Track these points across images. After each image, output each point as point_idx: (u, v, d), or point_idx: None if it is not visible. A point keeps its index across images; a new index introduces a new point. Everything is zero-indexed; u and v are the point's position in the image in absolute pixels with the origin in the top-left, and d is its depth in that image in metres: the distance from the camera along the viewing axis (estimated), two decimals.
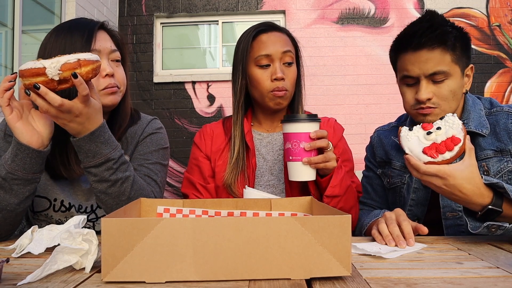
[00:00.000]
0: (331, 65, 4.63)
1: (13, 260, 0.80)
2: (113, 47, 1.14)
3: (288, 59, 1.24)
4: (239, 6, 4.71)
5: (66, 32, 1.07)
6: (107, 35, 1.15)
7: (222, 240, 0.65)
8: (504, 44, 4.56)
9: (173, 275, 0.65)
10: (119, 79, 1.14)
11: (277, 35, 1.26)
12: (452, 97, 1.13)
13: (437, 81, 1.12)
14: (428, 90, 1.12)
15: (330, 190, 1.11)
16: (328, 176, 1.12)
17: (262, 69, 1.23)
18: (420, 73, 1.12)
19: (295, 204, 0.96)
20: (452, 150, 0.92)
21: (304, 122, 1.06)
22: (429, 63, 1.10)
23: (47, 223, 1.13)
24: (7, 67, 3.10)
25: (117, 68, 1.15)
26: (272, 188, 1.24)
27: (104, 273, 0.65)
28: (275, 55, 1.22)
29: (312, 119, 1.07)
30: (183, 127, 4.64)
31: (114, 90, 1.11)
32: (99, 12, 4.17)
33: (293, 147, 1.06)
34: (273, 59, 1.23)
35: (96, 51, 1.08)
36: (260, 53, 1.23)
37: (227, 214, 0.94)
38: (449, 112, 1.13)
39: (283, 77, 1.21)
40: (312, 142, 1.05)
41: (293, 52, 1.26)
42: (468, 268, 0.75)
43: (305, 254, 0.66)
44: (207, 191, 1.26)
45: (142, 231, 0.64)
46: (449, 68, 1.11)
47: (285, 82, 1.22)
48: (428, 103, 1.13)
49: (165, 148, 1.26)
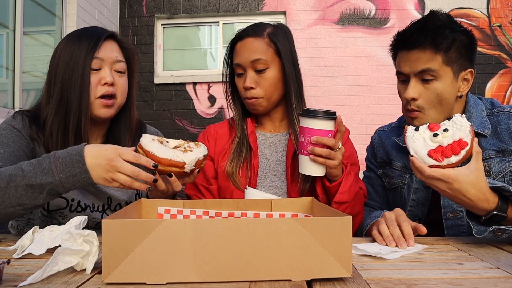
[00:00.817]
0: (332, 66, 4.63)
1: (14, 261, 0.80)
2: (119, 58, 1.17)
3: (259, 66, 1.22)
4: (239, 7, 4.72)
5: (76, 39, 1.12)
6: (116, 46, 1.18)
7: (223, 241, 0.65)
8: (505, 44, 4.56)
9: (174, 277, 0.65)
10: (118, 90, 1.15)
11: (250, 42, 1.24)
12: (438, 101, 1.12)
13: (426, 81, 1.11)
14: (416, 89, 1.12)
15: (339, 197, 1.10)
16: (337, 182, 1.11)
17: (238, 77, 1.27)
18: (410, 71, 1.12)
19: (296, 205, 0.96)
20: (459, 154, 0.90)
21: (318, 119, 1.05)
22: (418, 62, 1.10)
23: (58, 222, 1.13)
24: (8, 68, 3.10)
25: (119, 78, 1.16)
26: (275, 189, 1.24)
27: (105, 275, 0.65)
28: (244, 64, 1.23)
29: (327, 117, 1.05)
30: (184, 128, 4.64)
31: (109, 103, 1.13)
32: (100, 13, 4.18)
33: (306, 141, 1.07)
34: (245, 68, 1.24)
35: (99, 59, 1.11)
36: (235, 62, 1.26)
37: (227, 214, 0.94)
38: (435, 118, 1.13)
39: (251, 86, 1.22)
40: (319, 137, 1.05)
41: (266, 59, 1.22)
42: (469, 269, 0.74)
43: (306, 255, 0.66)
44: (210, 193, 1.26)
45: (143, 232, 0.64)
46: (439, 69, 1.10)
47: (256, 90, 1.22)
48: (413, 105, 1.13)
49: None
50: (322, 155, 1.05)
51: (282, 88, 1.26)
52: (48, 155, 0.93)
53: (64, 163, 0.90)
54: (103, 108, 1.13)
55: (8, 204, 0.91)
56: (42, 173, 0.90)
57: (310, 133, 1.05)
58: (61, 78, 1.10)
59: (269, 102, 1.26)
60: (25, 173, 0.90)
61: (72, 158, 0.90)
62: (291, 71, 1.25)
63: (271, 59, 1.23)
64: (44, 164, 0.91)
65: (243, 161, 1.24)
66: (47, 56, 3.91)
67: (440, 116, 1.14)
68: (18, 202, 0.91)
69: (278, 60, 1.25)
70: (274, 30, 1.26)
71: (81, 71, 1.09)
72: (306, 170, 1.09)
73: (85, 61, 1.09)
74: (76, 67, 1.09)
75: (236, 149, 1.26)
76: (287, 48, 1.26)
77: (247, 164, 1.24)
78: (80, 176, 0.90)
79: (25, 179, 0.90)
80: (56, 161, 0.90)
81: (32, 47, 3.51)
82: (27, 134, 1.11)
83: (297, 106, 1.26)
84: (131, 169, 0.89)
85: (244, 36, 1.26)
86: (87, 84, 1.09)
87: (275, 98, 1.27)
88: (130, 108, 1.23)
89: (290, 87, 1.25)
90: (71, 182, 0.91)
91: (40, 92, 1.18)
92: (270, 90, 1.24)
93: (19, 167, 0.92)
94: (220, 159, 1.28)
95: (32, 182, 0.90)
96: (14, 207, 0.92)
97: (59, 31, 3.77)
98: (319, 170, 1.08)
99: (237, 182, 1.22)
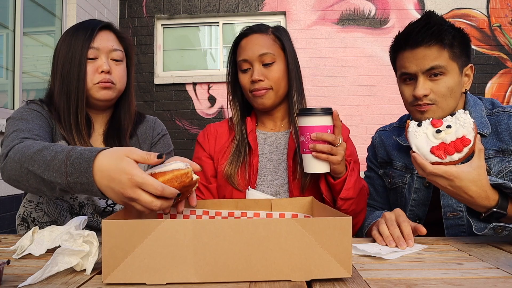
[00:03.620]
0: (332, 66, 4.63)
1: (14, 261, 0.80)
2: (115, 46, 1.21)
3: (267, 60, 1.25)
4: (239, 8, 4.72)
5: (73, 31, 1.18)
6: (112, 36, 1.23)
7: (223, 242, 0.65)
8: (504, 44, 4.56)
9: (174, 277, 0.65)
10: (115, 77, 1.20)
11: (256, 37, 1.27)
12: (449, 94, 1.13)
13: (434, 77, 1.12)
14: (426, 86, 1.12)
15: (344, 193, 1.10)
16: (342, 178, 1.11)
17: (244, 73, 1.28)
18: (418, 70, 1.12)
19: (296, 205, 0.96)
20: (461, 152, 0.90)
21: (314, 115, 1.06)
22: (426, 59, 1.11)
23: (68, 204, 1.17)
24: (8, 69, 3.10)
25: (116, 66, 1.21)
26: (276, 187, 1.24)
27: (105, 275, 0.65)
28: (252, 58, 1.25)
29: (322, 113, 1.06)
30: (184, 129, 4.64)
31: (107, 85, 1.17)
32: (100, 14, 4.18)
33: (306, 140, 1.07)
34: (252, 63, 1.25)
35: (94, 49, 1.17)
36: (240, 58, 1.28)
37: (227, 214, 0.94)
38: (446, 110, 1.13)
39: (260, 78, 1.23)
40: (319, 133, 1.05)
41: (273, 53, 1.26)
42: (468, 269, 0.74)
43: (306, 256, 0.66)
44: (209, 192, 1.27)
45: (143, 233, 0.64)
46: (447, 64, 1.11)
47: (264, 82, 1.24)
48: (425, 99, 1.13)
49: (172, 149, 1.38)
50: (324, 151, 1.05)
51: (286, 85, 1.29)
52: (66, 149, 0.84)
53: (74, 166, 0.81)
54: (102, 90, 1.17)
55: (30, 185, 0.88)
56: (53, 170, 0.83)
57: (310, 131, 1.06)
58: (61, 68, 1.16)
59: (276, 96, 1.27)
60: (41, 162, 0.85)
61: (81, 165, 0.80)
62: (293, 67, 1.28)
63: (277, 53, 1.27)
64: (57, 159, 0.83)
65: (241, 162, 1.24)
66: (47, 56, 3.92)
67: (451, 108, 1.15)
68: (37, 187, 0.87)
69: (283, 55, 1.28)
70: (277, 28, 1.32)
71: (78, 61, 1.14)
72: (310, 168, 1.09)
73: (81, 51, 1.15)
74: (73, 57, 1.15)
75: (235, 151, 1.26)
76: (290, 45, 1.30)
77: (245, 165, 1.24)
78: (88, 186, 0.80)
79: (40, 169, 0.84)
80: (67, 161, 0.82)
81: (32, 48, 3.51)
82: (46, 115, 1.15)
83: (298, 103, 1.28)
84: (148, 202, 0.76)
85: (249, 33, 1.29)
86: (84, 73, 1.15)
87: (282, 93, 1.28)
88: (129, 95, 1.29)
89: (293, 83, 1.27)
90: (79, 189, 0.82)
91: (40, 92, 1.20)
92: (278, 82, 1.26)
93: (41, 151, 0.87)
94: (220, 158, 1.28)
95: (44, 176, 0.84)
96: (36, 190, 0.89)
97: (59, 32, 3.77)
98: (323, 167, 1.08)
99: (235, 184, 1.22)
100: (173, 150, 1.40)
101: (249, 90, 1.27)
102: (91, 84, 1.16)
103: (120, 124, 1.26)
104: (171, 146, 1.39)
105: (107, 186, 0.77)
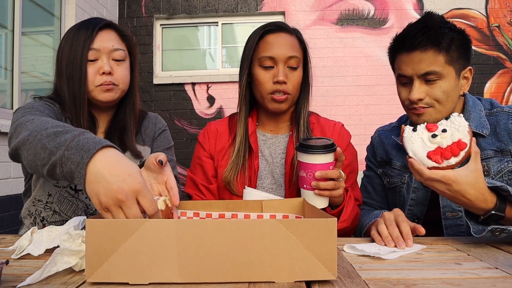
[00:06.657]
0: (331, 66, 4.63)
1: (13, 261, 0.80)
2: (117, 46, 1.19)
3: (293, 63, 1.21)
4: (238, 8, 4.72)
5: (75, 31, 1.17)
6: (113, 34, 1.20)
7: (206, 243, 0.64)
8: (503, 44, 4.57)
9: (157, 277, 0.65)
10: (118, 78, 1.18)
11: (284, 37, 1.23)
12: (445, 98, 1.12)
13: (430, 82, 1.12)
14: (421, 90, 1.12)
15: (339, 225, 1.10)
16: (338, 209, 1.12)
17: (265, 70, 1.22)
18: (413, 73, 1.12)
19: (287, 206, 0.95)
20: (458, 156, 0.90)
21: (318, 154, 1.02)
22: (422, 64, 1.10)
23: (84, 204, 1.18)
24: (7, 69, 3.10)
25: (118, 67, 1.19)
26: (273, 192, 1.24)
27: (88, 274, 0.64)
28: (279, 58, 1.20)
29: (328, 151, 1.02)
30: (183, 129, 4.64)
31: (109, 88, 1.16)
32: (98, 13, 4.18)
33: (308, 177, 1.04)
34: (277, 62, 1.20)
35: (95, 50, 1.15)
36: (264, 54, 1.21)
37: (218, 216, 0.94)
38: (444, 112, 1.13)
39: (284, 80, 1.19)
40: (323, 172, 1.02)
41: (299, 57, 1.22)
42: (467, 269, 0.75)
43: (290, 257, 0.65)
44: (210, 192, 1.26)
45: (126, 233, 0.64)
46: (442, 69, 1.10)
47: (287, 85, 1.20)
48: (420, 103, 1.13)
49: (172, 145, 1.40)
50: (328, 189, 1.03)
51: (299, 91, 1.27)
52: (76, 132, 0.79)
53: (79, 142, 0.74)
54: (104, 92, 1.17)
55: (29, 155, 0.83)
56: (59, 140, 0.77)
57: (312, 169, 1.02)
58: (66, 70, 1.15)
59: (292, 102, 1.25)
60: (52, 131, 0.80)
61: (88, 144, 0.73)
62: (307, 74, 1.27)
63: (300, 58, 1.24)
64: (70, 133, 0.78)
65: (241, 167, 1.23)
66: (46, 56, 3.91)
67: (448, 111, 1.14)
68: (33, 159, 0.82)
69: (303, 62, 1.26)
70: (298, 31, 1.29)
71: (79, 63, 1.14)
72: (311, 204, 1.08)
73: (82, 53, 1.14)
74: (75, 59, 1.14)
75: (237, 155, 1.23)
76: (307, 52, 1.28)
77: (245, 169, 1.23)
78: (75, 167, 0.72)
79: (49, 138, 0.79)
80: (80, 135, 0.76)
81: (31, 48, 3.51)
82: (55, 109, 1.15)
83: (305, 111, 1.27)
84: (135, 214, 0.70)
85: (277, 30, 1.24)
86: (84, 76, 1.14)
87: (296, 99, 1.27)
88: (133, 94, 1.27)
89: (307, 90, 1.26)
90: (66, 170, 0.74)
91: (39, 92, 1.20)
92: (296, 89, 1.24)
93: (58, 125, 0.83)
94: (220, 159, 1.27)
95: (48, 145, 0.78)
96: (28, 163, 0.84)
97: (57, 32, 3.76)
98: (324, 202, 1.07)
99: (234, 191, 1.22)
100: (173, 145, 1.41)
101: (270, 90, 1.21)
102: (93, 86, 1.16)
103: (123, 122, 1.25)
104: (171, 142, 1.40)
105: (101, 177, 0.69)
